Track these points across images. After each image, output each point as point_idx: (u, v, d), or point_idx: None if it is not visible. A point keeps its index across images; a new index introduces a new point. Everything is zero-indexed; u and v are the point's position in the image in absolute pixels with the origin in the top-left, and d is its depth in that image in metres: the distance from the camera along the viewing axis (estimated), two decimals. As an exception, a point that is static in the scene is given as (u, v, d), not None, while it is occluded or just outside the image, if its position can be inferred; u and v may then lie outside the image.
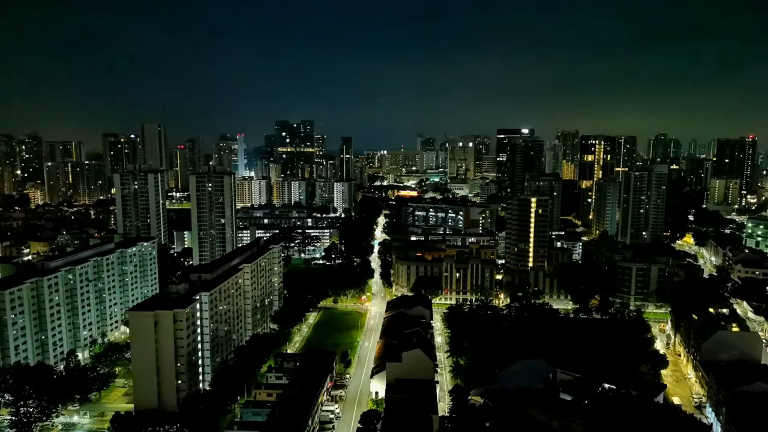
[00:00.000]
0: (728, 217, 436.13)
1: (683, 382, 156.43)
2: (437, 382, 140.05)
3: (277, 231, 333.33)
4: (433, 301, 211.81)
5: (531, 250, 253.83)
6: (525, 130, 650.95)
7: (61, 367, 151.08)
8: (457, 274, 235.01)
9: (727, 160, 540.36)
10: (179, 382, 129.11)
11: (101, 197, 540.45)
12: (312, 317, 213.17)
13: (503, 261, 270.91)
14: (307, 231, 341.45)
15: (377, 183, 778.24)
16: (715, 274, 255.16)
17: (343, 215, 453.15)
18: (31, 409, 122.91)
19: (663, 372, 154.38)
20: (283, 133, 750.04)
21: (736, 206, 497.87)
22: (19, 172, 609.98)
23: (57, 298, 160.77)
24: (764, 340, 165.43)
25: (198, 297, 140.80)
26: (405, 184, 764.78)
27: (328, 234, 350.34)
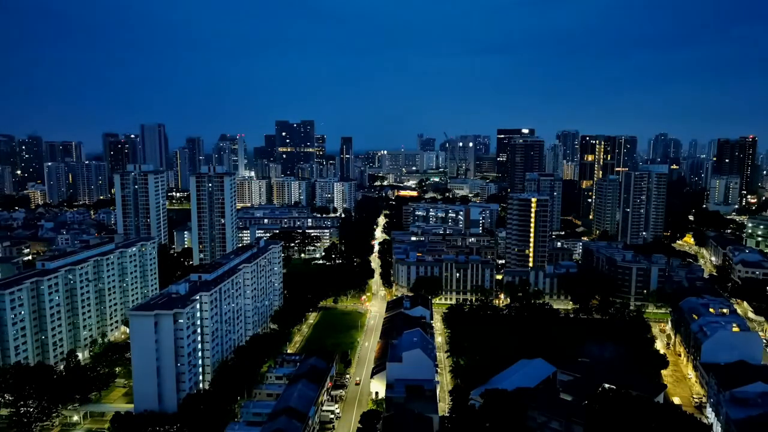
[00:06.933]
0: (728, 217, 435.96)
1: (683, 382, 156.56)
2: (437, 382, 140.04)
3: (277, 231, 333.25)
4: (433, 301, 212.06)
5: (531, 250, 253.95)
6: (525, 130, 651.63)
7: (61, 367, 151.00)
8: (457, 274, 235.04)
9: (727, 160, 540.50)
10: (179, 382, 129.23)
11: (101, 197, 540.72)
12: (312, 317, 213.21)
13: (503, 261, 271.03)
14: (307, 231, 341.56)
15: (377, 183, 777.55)
16: (715, 274, 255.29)
17: (343, 215, 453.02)
18: (31, 409, 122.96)
19: (663, 372, 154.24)
20: (283, 133, 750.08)
21: (737, 206, 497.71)
22: (19, 172, 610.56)
23: (57, 298, 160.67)
24: (764, 340, 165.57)
25: (198, 297, 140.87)
26: (405, 184, 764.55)
27: (328, 234, 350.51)
